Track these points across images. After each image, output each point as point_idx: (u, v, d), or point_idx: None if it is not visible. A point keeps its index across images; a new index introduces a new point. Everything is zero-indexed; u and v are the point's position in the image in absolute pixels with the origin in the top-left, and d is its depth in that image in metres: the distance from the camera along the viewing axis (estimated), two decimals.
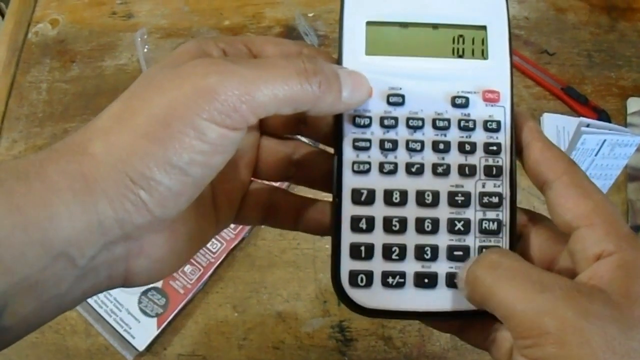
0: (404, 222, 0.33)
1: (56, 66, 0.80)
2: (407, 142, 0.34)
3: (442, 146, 0.34)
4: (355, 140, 0.34)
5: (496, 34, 0.35)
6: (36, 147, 0.76)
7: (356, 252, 0.33)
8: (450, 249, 0.33)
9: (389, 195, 0.34)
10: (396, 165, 0.34)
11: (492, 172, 0.34)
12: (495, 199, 0.34)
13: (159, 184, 0.27)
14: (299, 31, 0.79)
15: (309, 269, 0.67)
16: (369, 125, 0.34)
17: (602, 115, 0.71)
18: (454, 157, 0.34)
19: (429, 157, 0.34)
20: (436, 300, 0.33)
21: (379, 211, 0.34)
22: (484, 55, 0.35)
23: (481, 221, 0.34)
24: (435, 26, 0.35)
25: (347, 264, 0.34)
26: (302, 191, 0.39)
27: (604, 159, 0.66)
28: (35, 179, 0.26)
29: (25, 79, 0.80)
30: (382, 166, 0.34)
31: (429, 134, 0.34)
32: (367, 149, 0.34)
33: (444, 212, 0.34)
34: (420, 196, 0.34)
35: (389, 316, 0.34)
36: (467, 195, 0.34)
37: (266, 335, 0.64)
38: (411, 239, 0.34)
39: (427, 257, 0.33)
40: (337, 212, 0.34)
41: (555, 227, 0.32)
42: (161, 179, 0.27)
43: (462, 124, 0.34)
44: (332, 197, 0.34)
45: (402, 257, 0.33)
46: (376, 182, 0.34)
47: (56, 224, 0.26)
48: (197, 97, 0.27)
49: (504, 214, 0.34)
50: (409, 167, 0.34)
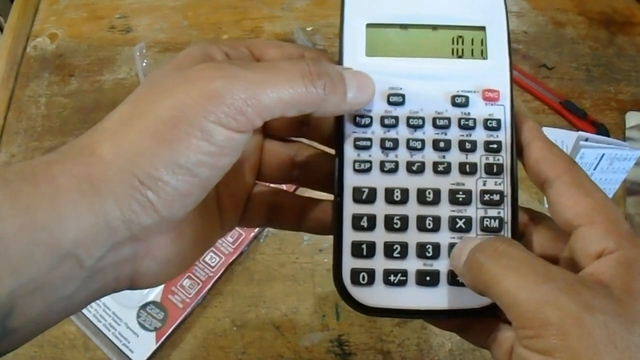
0: (405, 220, 0.33)
1: (55, 80, 0.80)
2: (408, 141, 0.34)
3: (442, 144, 0.34)
4: (356, 139, 0.34)
5: (495, 34, 0.36)
6: None
7: (358, 250, 0.33)
8: (452, 246, 0.33)
9: (390, 193, 0.34)
10: (397, 163, 0.34)
11: (492, 170, 0.34)
12: (496, 197, 0.34)
13: (167, 184, 0.27)
14: None
15: (308, 283, 0.66)
16: (370, 124, 0.34)
17: (601, 129, 0.72)
18: (455, 156, 0.34)
19: (429, 155, 0.34)
20: (438, 298, 0.33)
21: (380, 209, 0.34)
22: (483, 55, 0.35)
23: (482, 219, 0.34)
24: (434, 27, 0.36)
25: (349, 262, 0.33)
26: (306, 193, 0.39)
27: (603, 173, 0.66)
28: (42, 180, 0.26)
29: (24, 93, 0.80)
30: (383, 165, 0.34)
31: (429, 133, 0.34)
32: (368, 148, 0.34)
33: (445, 209, 0.34)
34: (421, 194, 0.34)
35: (391, 314, 0.34)
36: (468, 193, 0.34)
37: (265, 349, 0.64)
38: (413, 237, 0.33)
39: (429, 254, 0.33)
40: (338, 210, 0.34)
41: (556, 226, 0.32)
42: (168, 180, 0.27)
43: (462, 122, 0.34)
44: (334, 196, 0.34)
45: (404, 255, 0.33)
46: (377, 180, 0.34)
47: (63, 225, 0.26)
48: (204, 100, 0.28)
49: (505, 212, 0.34)
50: (409, 165, 0.34)
